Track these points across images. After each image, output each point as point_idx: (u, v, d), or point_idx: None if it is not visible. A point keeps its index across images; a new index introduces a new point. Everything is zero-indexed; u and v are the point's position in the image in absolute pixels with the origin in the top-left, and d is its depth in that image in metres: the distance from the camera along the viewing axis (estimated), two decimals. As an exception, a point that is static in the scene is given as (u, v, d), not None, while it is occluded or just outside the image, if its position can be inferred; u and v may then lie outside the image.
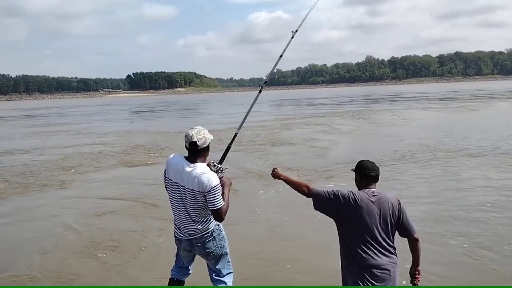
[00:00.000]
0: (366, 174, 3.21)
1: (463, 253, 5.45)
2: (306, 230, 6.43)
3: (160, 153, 14.77)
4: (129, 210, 8.08)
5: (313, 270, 5.09)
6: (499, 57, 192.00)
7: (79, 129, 26.10)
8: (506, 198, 7.71)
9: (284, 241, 6.16)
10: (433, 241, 5.75)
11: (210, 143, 3.49)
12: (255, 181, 9.98)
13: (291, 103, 53.94)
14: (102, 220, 7.54)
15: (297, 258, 5.48)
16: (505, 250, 5.48)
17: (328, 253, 4.71)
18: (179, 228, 3.60)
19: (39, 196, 9.60)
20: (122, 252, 6.00)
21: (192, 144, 3.37)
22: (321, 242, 5.88)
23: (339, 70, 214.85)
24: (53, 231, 7.00)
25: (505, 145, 13.38)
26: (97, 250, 6.05)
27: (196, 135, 3.37)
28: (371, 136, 17.83)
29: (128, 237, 6.58)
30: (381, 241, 3.06)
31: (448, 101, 41.44)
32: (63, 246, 6.33)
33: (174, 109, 50.63)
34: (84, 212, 8.05)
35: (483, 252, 5.45)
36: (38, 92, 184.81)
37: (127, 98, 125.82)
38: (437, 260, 5.17)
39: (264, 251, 5.79)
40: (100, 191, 9.75)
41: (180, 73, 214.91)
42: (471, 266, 5.12)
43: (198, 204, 3.42)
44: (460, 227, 6.38)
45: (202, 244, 3.55)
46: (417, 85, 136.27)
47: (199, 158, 3.43)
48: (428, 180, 9.48)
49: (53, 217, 7.92)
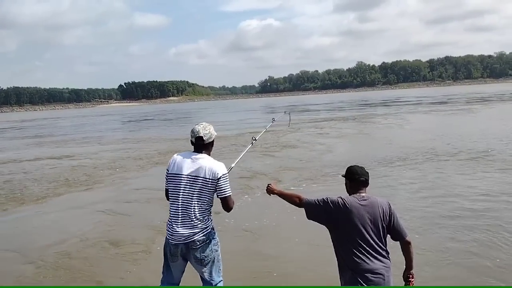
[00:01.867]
0: (355, 179, 3.25)
1: (455, 253, 5.50)
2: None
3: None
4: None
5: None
6: (488, 60, 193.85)
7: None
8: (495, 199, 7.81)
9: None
10: (425, 242, 5.80)
11: (214, 139, 3.69)
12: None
13: (291, 111, 53.82)
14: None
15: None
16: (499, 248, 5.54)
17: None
18: (177, 230, 3.52)
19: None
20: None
21: (198, 138, 3.57)
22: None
23: (330, 76, 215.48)
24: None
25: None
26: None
27: (202, 130, 3.58)
28: (372, 140, 18.17)
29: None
30: (374, 245, 3.07)
31: (449, 104, 41.50)
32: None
33: (177, 117, 50.57)
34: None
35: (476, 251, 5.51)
36: (30, 104, 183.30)
37: (120, 108, 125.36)
38: (428, 261, 5.22)
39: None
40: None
41: (172, 82, 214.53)
42: (462, 266, 5.16)
43: (206, 196, 3.53)
44: (453, 228, 6.42)
45: (199, 248, 3.53)
46: (409, 90, 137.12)
47: (205, 151, 3.62)
48: (419, 182, 9.56)
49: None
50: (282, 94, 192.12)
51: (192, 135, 3.60)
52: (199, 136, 3.56)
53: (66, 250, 6.50)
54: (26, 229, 8.01)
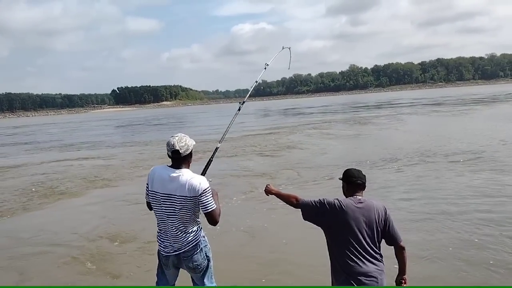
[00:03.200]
0: (352, 182, 3.27)
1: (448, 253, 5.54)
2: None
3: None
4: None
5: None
6: (479, 62, 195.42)
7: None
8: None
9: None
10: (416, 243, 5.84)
11: (192, 149, 3.48)
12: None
13: (288, 114, 54.00)
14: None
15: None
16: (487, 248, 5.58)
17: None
18: (166, 244, 3.52)
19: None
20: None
21: (174, 152, 3.37)
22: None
23: (323, 79, 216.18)
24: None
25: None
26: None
27: (178, 143, 3.37)
28: (372, 141, 18.33)
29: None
30: (368, 248, 3.08)
31: (446, 105, 41.80)
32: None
33: (177, 121, 50.56)
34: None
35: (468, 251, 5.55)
36: (22, 110, 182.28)
37: (115, 113, 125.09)
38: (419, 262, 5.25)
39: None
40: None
41: (165, 87, 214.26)
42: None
43: (188, 212, 3.40)
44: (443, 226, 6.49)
45: (190, 258, 3.50)
46: (402, 92, 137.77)
47: (183, 165, 3.44)
48: (413, 182, 9.63)
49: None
50: (276, 97, 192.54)
51: (168, 149, 3.40)
52: (175, 149, 3.36)
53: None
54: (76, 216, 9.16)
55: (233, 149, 17.82)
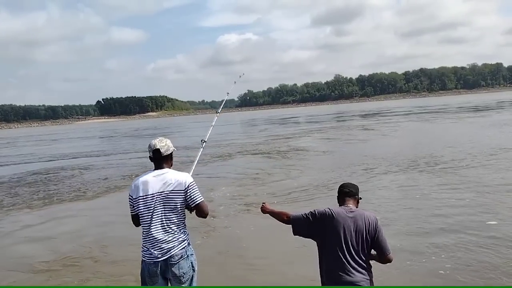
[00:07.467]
0: (340, 191, 3.41)
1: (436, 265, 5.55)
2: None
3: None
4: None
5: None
6: (461, 72, 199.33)
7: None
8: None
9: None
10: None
11: (173, 152, 3.63)
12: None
13: (273, 123, 54.13)
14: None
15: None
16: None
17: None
18: (153, 249, 3.45)
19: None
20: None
21: (155, 152, 3.53)
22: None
23: (309, 89, 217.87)
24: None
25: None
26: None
27: (158, 143, 3.55)
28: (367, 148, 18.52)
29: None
30: (357, 258, 3.11)
31: (439, 113, 42.43)
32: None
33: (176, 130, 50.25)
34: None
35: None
36: (5, 122, 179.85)
37: (100, 124, 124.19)
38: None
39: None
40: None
41: (151, 97, 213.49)
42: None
43: (178, 207, 3.47)
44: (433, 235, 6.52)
45: (177, 263, 3.44)
46: (386, 102, 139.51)
47: (165, 165, 3.58)
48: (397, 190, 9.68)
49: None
50: (261, 107, 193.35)
51: (149, 150, 3.57)
52: (156, 149, 3.52)
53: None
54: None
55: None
